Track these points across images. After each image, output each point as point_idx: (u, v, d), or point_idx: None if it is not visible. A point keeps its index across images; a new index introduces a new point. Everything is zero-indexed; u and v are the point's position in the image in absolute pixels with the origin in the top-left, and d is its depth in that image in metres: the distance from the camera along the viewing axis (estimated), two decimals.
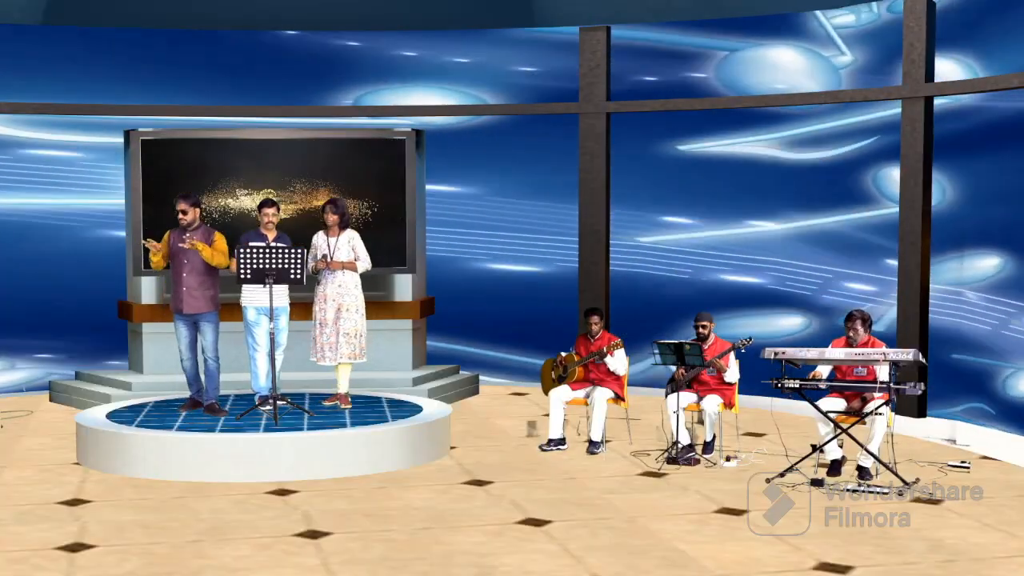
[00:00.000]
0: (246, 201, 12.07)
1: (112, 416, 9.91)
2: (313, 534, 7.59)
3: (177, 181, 11.71)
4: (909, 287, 11.52)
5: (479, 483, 9.00)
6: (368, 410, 10.29)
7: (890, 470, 8.82)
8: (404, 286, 12.69)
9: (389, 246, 12.10)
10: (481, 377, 13.57)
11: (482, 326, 13.82)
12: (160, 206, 11.68)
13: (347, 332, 10.30)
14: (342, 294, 10.29)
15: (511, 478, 9.17)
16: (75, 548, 7.26)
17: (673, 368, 9.85)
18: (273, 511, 8.16)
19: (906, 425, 10.57)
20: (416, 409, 10.33)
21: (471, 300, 13.67)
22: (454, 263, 13.85)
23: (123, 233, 12.57)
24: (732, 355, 9.83)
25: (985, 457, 9.92)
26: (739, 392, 9.98)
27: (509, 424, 11.46)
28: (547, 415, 10.46)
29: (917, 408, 11.30)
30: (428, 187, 13.08)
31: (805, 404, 9.27)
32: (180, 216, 10.03)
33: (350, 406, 10.36)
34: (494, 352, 13.90)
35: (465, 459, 9.84)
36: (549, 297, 13.63)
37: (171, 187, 11.70)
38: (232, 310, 10.58)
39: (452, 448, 10.17)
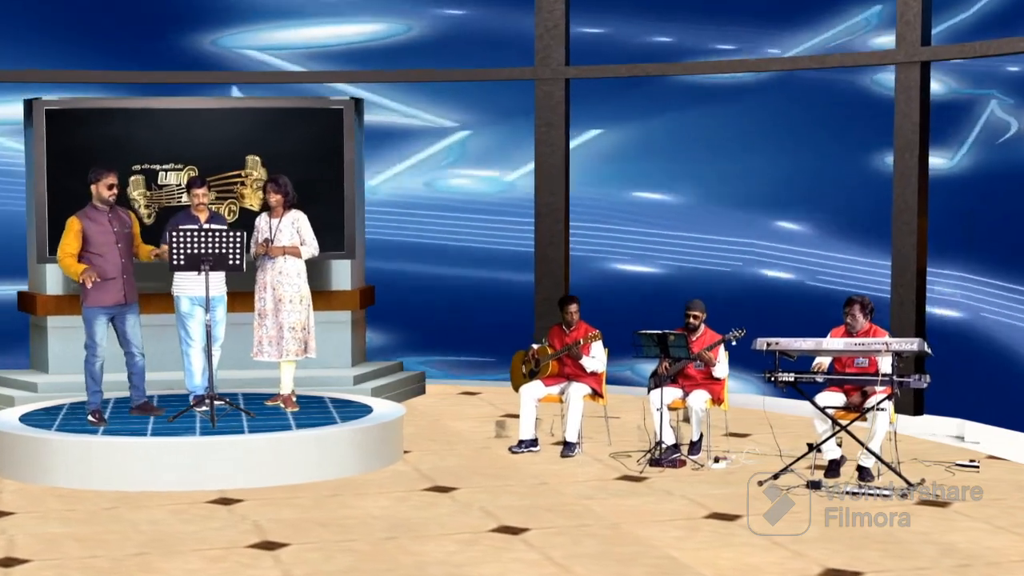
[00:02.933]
0: (166, 178, 12.13)
1: (26, 420, 9.99)
2: (268, 545, 7.77)
3: (87, 156, 11.74)
4: (904, 271, 11.75)
5: (442, 489, 9.22)
6: (313, 411, 10.45)
7: (893, 470, 9.07)
8: (342, 273, 12.80)
9: (324, 228, 12.09)
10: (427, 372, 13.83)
11: (426, 317, 14.06)
12: (66, 183, 11.73)
13: (292, 326, 10.37)
14: (281, 283, 10.33)
15: (475, 483, 9.40)
16: (7, 563, 7.38)
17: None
18: (219, 521, 8.33)
19: (907, 423, 10.84)
20: (365, 409, 10.51)
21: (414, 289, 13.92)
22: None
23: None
24: (722, 348, 10.03)
25: (992, 456, 10.26)
26: (728, 387, 10.22)
27: (463, 426, 11.68)
28: (516, 416, 10.68)
29: (914, 405, 11.53)
30: None
31: (801, 400, 9.51)
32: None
33: (296, 408, 10.46)
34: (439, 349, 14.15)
35: (421, 464, 10.05)
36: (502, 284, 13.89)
37: (79, 163, 11.76)
38: (159, 300, 10.67)
39: (405, 452, 10.39)
